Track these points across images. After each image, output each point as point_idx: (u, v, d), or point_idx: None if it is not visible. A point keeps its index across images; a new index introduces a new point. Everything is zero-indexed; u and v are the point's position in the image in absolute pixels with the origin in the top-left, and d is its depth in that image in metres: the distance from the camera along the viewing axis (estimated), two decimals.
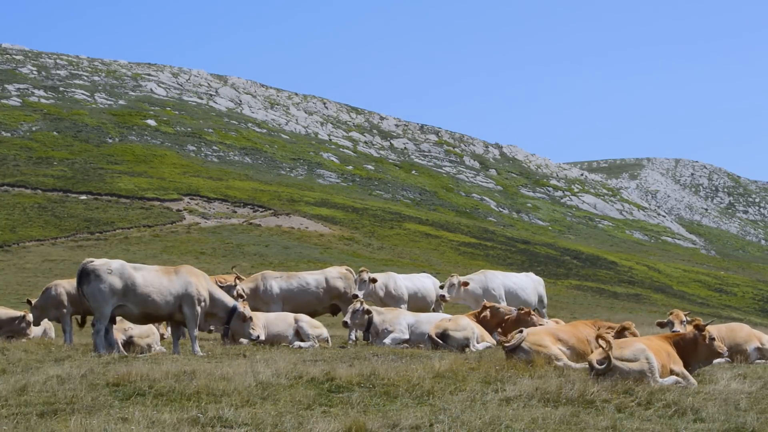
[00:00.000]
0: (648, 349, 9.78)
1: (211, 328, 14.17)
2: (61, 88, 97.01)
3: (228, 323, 13.79)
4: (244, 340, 14.44)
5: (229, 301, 13.94)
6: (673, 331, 11.96)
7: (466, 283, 17.08)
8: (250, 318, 13.88)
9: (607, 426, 7.74)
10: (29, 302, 16.37)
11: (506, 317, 14.54)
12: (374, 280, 16.78)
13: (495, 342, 13.97)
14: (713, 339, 10.30)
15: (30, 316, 16.28)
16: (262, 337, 14.66)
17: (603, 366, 9.46)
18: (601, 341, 9.65)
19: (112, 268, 12.85)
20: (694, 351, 10.32)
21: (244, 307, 13.88)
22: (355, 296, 15.59)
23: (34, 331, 17.17)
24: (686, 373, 10.01)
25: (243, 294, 16.31)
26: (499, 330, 14.56)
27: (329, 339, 15.50)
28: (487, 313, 14.79)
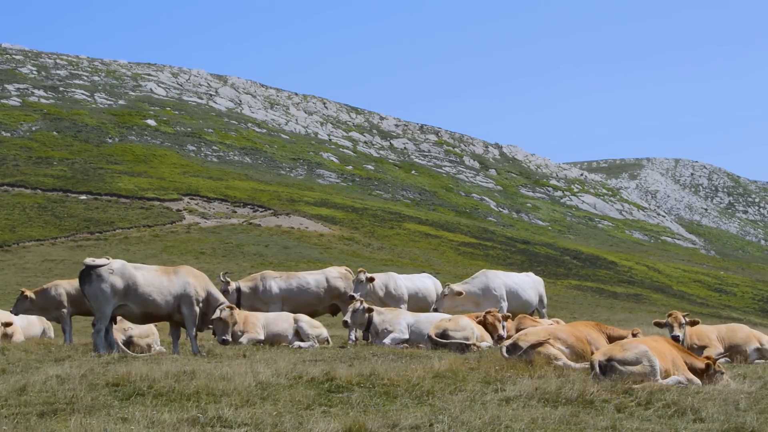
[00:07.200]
0: (650, 351, 9.75)
1: (210, 327, 14.16)
2: (61, 88, 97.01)
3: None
4: (243, 340, 14.44)
5: (225, 302, 13.92)
6: (673, 336, 11.83)
7: (460, 293, 16.90)
8: (232, 322, 13.69)
9: (606, 426, 7.73)
10: (23, 293, 16.13)
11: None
12: (371, 279, 16.72)
13: (494, 342, 13.97)
14: (723, 373, 10.17)
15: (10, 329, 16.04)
16: (261, 336, 14.67)
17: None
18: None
19: (113, 268, 12.84)
20: (700, 377, 10.20)
21: (230, 309, 13.68)
22: (352, 297, 15.55)
23: (34, 330, 17.12)
24: (691, 376, 9.97)
25: (228, 289, 16.25)
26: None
27: (329, 339, 15.51)
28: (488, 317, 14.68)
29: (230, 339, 13.71)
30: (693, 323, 12.49)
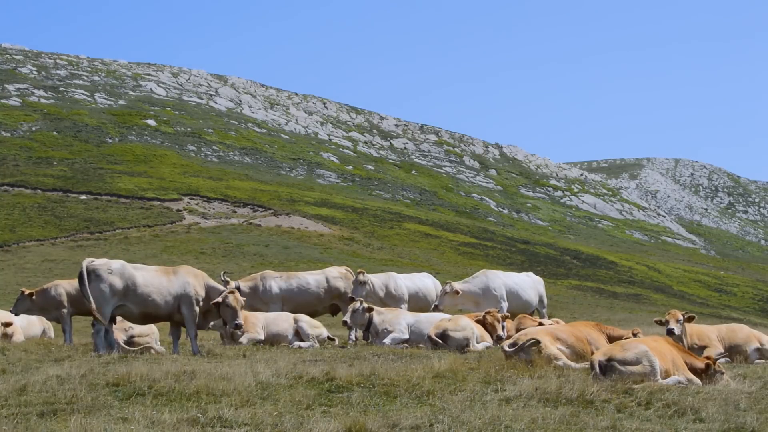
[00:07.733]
0: (650, 351, 9.75)
1: (211, 326, 14.15)
2: (61, 88, 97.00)
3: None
4: (243, 340, 14.44)
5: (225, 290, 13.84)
6: (668, 330, 11.94)
7: (457, 292, 16.97)
8: (239, 305, 13.54)
9: (606, 426, 7.73)
10: (23, 293, 16.11)
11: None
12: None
13: (493, 342, 13.98)
14: (723, 373, 10.17)
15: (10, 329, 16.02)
16: (261, 336, 14.66)
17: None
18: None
19: (112, 268, 12.83)
20: (699, 377, 10.20)
21: (231, 293, 13.55)
22: (352, 299, 15.53)
23: (34, 330, 17.11)
24: (691, 376, 9.98)
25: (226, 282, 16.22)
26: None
27: (334, 338, 15.52)
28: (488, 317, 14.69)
29: (242, 322, 13.62)
30: (690, 319, 12.56)
